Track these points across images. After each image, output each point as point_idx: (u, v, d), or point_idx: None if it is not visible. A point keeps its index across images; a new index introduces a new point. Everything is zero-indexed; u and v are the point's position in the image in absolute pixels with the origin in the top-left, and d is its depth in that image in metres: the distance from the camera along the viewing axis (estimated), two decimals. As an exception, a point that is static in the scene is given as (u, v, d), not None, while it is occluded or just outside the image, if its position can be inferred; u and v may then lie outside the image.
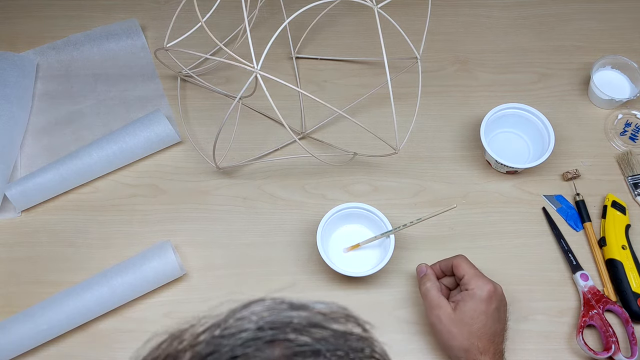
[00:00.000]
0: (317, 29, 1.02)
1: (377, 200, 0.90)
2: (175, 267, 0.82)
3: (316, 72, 1.00)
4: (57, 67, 1.00)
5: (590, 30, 1.03)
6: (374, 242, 0.84)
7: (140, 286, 0.82)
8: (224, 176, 0.92)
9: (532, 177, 0.92)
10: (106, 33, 1.01)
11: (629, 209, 0.89)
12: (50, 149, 0.93)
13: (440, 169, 0.93)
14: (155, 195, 0.91)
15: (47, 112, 0.96)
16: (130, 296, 0.82)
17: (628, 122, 0.96)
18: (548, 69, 1.00)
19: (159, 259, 0.82)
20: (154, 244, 0.85)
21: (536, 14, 1.05)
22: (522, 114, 0.91)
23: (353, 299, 0.85)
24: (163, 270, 0.82)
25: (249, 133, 0.95)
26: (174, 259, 0.82)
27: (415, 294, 0.85)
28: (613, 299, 0.84)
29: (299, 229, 0.88)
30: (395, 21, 0.78)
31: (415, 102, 0.85)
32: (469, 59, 1.01)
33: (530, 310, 0.84)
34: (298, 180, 0.92)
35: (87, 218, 0.90)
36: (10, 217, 0.90)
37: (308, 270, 0.86)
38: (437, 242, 0.88)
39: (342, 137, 0.95)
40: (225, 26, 1.02)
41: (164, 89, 0.98)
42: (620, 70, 0.98)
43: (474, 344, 0.72)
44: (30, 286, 0.86)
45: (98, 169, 0.90)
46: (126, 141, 0.90)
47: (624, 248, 0.85)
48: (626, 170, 0.92)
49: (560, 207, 0.90)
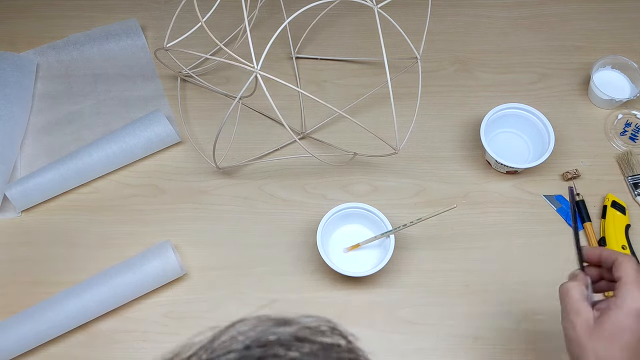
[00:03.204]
0: (317, 29, 1.02)
1: (377, 200, 0.90)
2: (175, 267, 0.82)
3: (316, 72, 1.00)
4: (57, 67, 1.00)
5: (590, 30, 1.03)
6: (374, 242, 0.84)
7: (141, 286, 0.82)
8: (224, 176, 0.92)
9: (532, 177, 0.92)
10: (106, 33, 1.01)
11: (628, 209, 0.89)
12: (50, 149, 0.93)
13: (440, 169, 0.93)
14: (155, 195, 0.91)
15: (47, 112, 0.96)
16: (130, 296, 0.82)
17: (628, 122, 0.96)
18: (548, 69, 1.00)
19: (159, 259, 0.82)
20: (154, 244, 0.85)
21: (536, 14, 1.05)
22: (522, 114, 0.91)
23: (353, 299, 0.85)
24: (163, 270, 0.82)
25: (249, 133, 0.95)
26: (174, 259, 0.82)
27: (416, 294, 0.85)
28: (613, 299, 0.84)
29: (299, 229, 0.88)
30: (395, 21, 0.78)
31: (415, 102, 0.85)
32: (469, 59, 1.01)
33: (530, 310, 0.84)
34: (298, 180, 0.92)
35: (87, 218, 0.90)
36: (10, 217, 0.90)
37: (308, 270, 0.86)
38: (437, 242, 0.88)
39: (342, 137, 0.95)
40: (225, 26, 1.02)
41: (164, 89, 0.98)
42: (620, 70, 0.98)
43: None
44: (30, 286, 0.86)
45: (98, 169, 0.90)
46: (126, 141, 0.90)
47: (624, 248, 0.85)
48: (626, 170, 0.92)
49: (560, 207, 0.90)
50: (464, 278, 0.86)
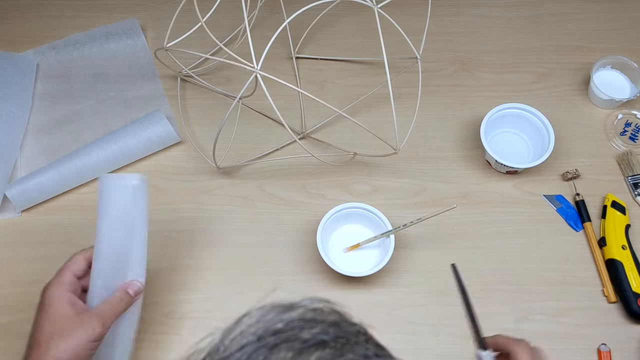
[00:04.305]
0: (317, 29, 1.02)
1: (377, 200, 0.90)
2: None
3: (316, 72, 1.00)
4: (57, 67, 1.00)
5: (590, 30, 1.03)
6: (374, 242, 0.84)
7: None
8: (224, 176, 0.92)
9: (532, 177, 0.92)
10: (106, 33, 1.01)
11: (628, 209, 0.89)
12: (50, 149, 0.93)
13: (440, 169, 0.93)
14: (155, 195, 0.91)
15: (47, 112, 0.96)
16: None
17: (628, 122, 0.96)
18: (548, 69, 1.00)
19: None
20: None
21: (536, 14, 1.05)
22: (522, 114, 0.91)
23: (353, 299, 0.84)
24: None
25: (249, 133, 0.95)
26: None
27: (416, 294, 0.85)
28: (613, 299, 0.84)
29: (299, 229, 0.88)
30: (395, 21, 0.78)
31: (415, 102, 0.85)
32: (469, 59, 1.01)
33: (530, 310, 0.84)
34: (298, 180, 0.92)
35: (87, 218, 0.89)
36: (10, 217, 0.89)
37: (308, 270, 0.86)
38: (437, 242, 0.88)
39: (342, 137, 0.95)
40: (225, 26, 1.02)
41: (164, 89, 0.98)
42: (620, 70, 0.98)
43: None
44: (30, 286, 0.85)
45: (98, 169, 0.90)
46: (126, 141, 0.90)
47: (624, 248, 0.85)
48: (626, 170, 0.92)
49: (560, 207, 0.90)
50: (464, 278, 0.86)
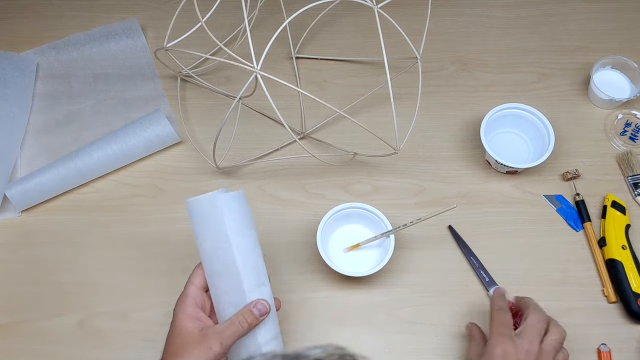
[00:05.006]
0: (317, 29, 1.02)
1: (377, 200, 0.90)
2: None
3: (316, 72, 1.00)
4: (57, 67, 1.00)
5: (590, 30, 1.03)
6: (374, 242, 0.84)
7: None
8: (224, 176, 0.92)
9: (532, 177, 0.92)
10: (106, 33, 1.01)
11: (628, 209, 0.89)
12: (50, 149, 0.93)
13: (440, 169, 0.93)
14: (155, 195, 0.91)
15: (47, 112, 0.96)
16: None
17: (628, 122, 0.96)
18: (548, 69, 1.00)
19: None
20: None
21: (536, 14, 1.05)
22: (522, 114, 0.91)
23: (353, 299, 0.85)
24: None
25: (249, 133, 0.95)
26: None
27: (416, 294, 0.85)
28: (613, 299, 0.84)
29: (299, 229, 0.88)
30: (395, 21, 0.78)
31: (415, 102, 0.85)
32: (469, 59, 1.01)
33: (530, 310, 0.84)
34: (298, 180, 0.92)
35: (87, 218, 0.90)
36: (10, 217, 0.90)
37: (308, 270, 0.86)
38: (437, 242, 0.88)
39: (342, 137, 0.95)
40: (225, 26, 1.02)
41: (164, 89, 0.98)
42: (620, 70, 0.98)
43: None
44: (30, 286, 0.86)
45: (98, 169, 0.90)
46: (126, 141, 0.90)
47: (624, 248, 0.85)
48: (626, 170, 0.92)
49: (560, 207, 0.90)
50: (464, 278, 0.86)
